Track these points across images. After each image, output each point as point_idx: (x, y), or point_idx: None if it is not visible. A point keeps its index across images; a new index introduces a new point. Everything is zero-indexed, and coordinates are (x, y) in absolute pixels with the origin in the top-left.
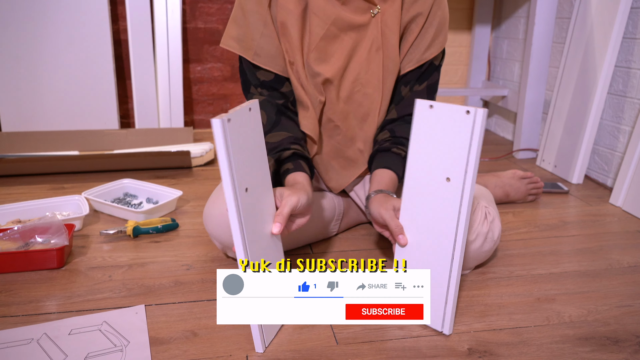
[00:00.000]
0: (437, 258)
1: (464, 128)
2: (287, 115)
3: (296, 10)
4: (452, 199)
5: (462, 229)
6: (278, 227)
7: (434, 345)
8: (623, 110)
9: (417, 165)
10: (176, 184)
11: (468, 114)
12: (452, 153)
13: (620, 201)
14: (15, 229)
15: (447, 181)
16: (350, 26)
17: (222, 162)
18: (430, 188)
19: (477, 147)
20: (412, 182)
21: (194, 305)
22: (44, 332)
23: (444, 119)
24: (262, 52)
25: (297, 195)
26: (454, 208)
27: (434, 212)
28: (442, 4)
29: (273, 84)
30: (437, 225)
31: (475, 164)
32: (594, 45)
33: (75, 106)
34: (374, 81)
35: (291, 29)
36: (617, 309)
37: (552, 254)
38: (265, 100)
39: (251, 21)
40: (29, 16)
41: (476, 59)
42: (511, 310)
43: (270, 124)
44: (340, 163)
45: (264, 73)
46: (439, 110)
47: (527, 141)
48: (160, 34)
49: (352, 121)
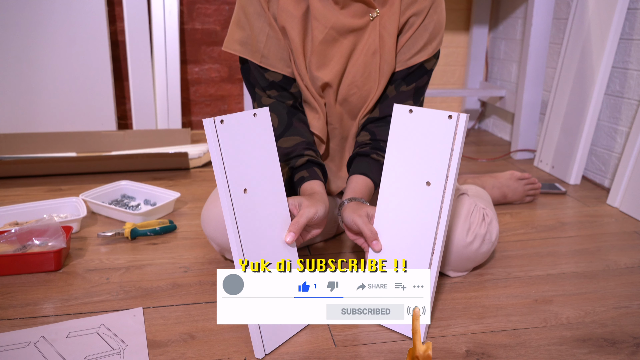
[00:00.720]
0: (414, 264)
1: (446, 132)
2: (298, 117)
3: (297, 12)
4: (432, 203)
5: (441, 233)
6: (292, 236)
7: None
8: (620, 111)
9: (395, 170)
10: (174, 186)
11: (450, 118)
12: (433, 157)
13: (618, 202)
14: (13, 231)
15: (427, 185)
16: (349, 30)
17: (214, 160)
18: (409, 192)
19: (459, 151)
20: (389, 187)
21: (192, 307)
22: (42, 335)
23: (424, 124)
24: (270, 54)
25: (315, 207)
26: (434, 212)
27: (412, 217)
28: (439, 8)
29: (282, 84)
30: (415, 230)
31: (456, 168)
32: (591, 46)
33: (72, 107)
34: (369, 83)
35: (292, 32)
36: (615, 311)
37: (549, 255)
38: (276, 103)
39: (255, 24)
40: (25, 17)
41: (474, 60)
42: (509, 311)
43: (282, 127)
44: (337, 164)
45: (272, 74)
46: (419, 115)
47: (525, 142)
48: (157, 35)
49: (347, 121)
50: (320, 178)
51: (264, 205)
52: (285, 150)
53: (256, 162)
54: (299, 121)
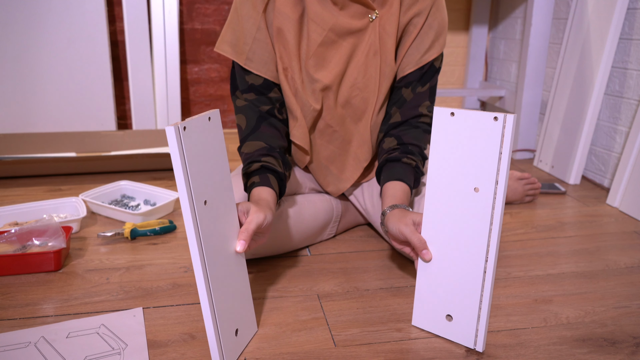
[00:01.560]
0: (467, 273)
1: (493, 135)
2: (270, 122)
3: (293, 15)
4: (481, 210)
5: (494, 241)
6: (243, 245)
7: (431, 347)
8: (620, 110)
9: (440, 176)
10: (173, 186)
11: (496, 120)
12: (479, 162)
13: (617, 202)
14: (13, 231)
15: (475, 191)
16: (349, 32)
17: (177, 172)
18: (456, 199)
19: (508, 154)
20: (435, 194)
21: (192, 307)
22: (42, 335)
23: (467, 127)
24: (255, 57)
25: (264, 213)
26: (485, 219)
27: (462, 225)
28: (441, 7)
29: (262, 88)
30: (465, 239)
31: (506, 172)
32: (590, 45)
33: (72, 107)
34: (371, 85)
35: (288, 34)
36: (615, 310)
37: (549, 255)
38: (248, 106)
39: (245, 26)
40: (25, 17)
41: (473, 60)
42: (509, 311)
43: (248, 130)
44: (338, 167)
45: (254, 77)
46: (461, 118)
47: (524, 142)
48: (157, 35)
49: (349, 124)
50: (272, 186)
51: (221, 217)
52: (245, 155)
53: (213, 171)
54: (269, 126)
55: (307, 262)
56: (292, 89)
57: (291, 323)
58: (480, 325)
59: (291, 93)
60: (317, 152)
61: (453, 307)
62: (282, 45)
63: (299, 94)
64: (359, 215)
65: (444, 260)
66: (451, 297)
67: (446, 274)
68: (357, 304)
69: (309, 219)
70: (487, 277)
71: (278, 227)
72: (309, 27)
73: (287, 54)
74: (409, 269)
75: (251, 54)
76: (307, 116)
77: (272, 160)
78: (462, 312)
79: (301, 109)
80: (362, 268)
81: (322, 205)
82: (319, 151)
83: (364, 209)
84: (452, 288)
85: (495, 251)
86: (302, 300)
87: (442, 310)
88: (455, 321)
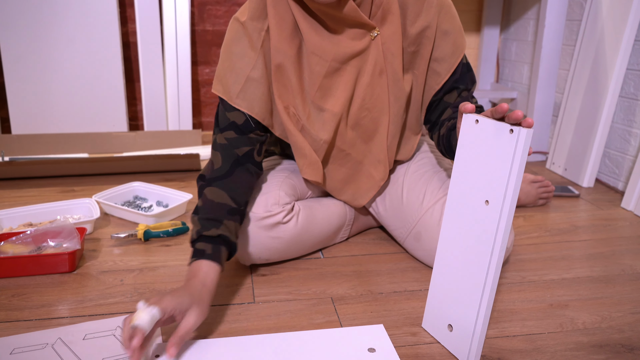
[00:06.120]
0: (470, 285)
1: (507, 148)
2: (245, 167)
3: (291, 51)
4: (489, 223)
5: (495, 257)
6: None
7: (446, 352)
8: (634, 113)
9: (460, 184)
10: (185, 187)
11: (511, 133)
12: (493, 174)
13: (632, 205)
14: (28, 232)
15: (486, 204)
16: (351, 56)
17: None
18: (470, 210)
19: (519, 169)
20: (454, 204)
21: None
22: (59, 336)
23: (488, 137)
24: (246, 95)
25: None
26: (490, 234)
27: (471, 236)
28: (449, 11)
29: (243, 127)
30: (472, 251)
31: (515, 188)
32: (604, 47)
33: (84, 108)
34: (379, 104)
35: (288, 71)
36: (632, 316)
37: (563, 259)
38: (226, 146)
39: (238, 65)
40: (37, 19)
41: (485, 61)
42: (524, 316)
43: (220, 172)
44: (352, 188)
45: (238, 115)
46: (484, 127)
47: (537, 144)
48: (169, 37)
49: (360, 145)
50: (221, 262)
51: None
52: (208, 203)
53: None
54: (244, 171)
55: (321, 264)
56: (297, 125)
57: (305, 326)
58: (474, 340)
59: (296, 131)
60: (330, 176)
61: (455, 317)
62: (281, 83)
63: (306, 129)
64: (372, 218)
65: (454, 269)
66: (454, 307)
67: (453, 283)
68: (371, 307)
69: (322, 222)
70: (485, 294)
71: (292, 232)
72: (310, 60)
73: (287, 91)
74: (422, 272)
75: (242, 93)
76: (319, 150)
77: (231, 227)
78: (461, 324)
79: (310, 144)
80: (375, 271)
81: (336, 209)
82: (332, 175)
83: (376, 212)
84: (455, 298)
85: (496, 266)
86: (316, 303)
87: (445, 319)
88: (454, 332)
